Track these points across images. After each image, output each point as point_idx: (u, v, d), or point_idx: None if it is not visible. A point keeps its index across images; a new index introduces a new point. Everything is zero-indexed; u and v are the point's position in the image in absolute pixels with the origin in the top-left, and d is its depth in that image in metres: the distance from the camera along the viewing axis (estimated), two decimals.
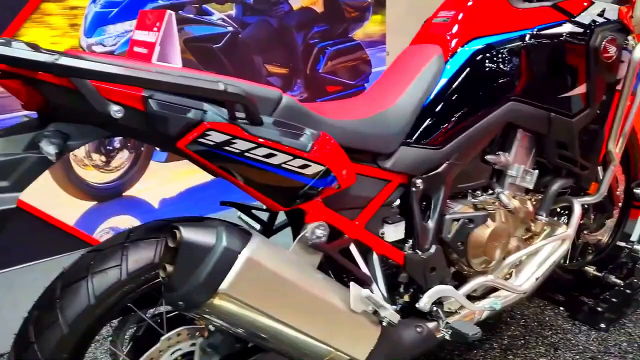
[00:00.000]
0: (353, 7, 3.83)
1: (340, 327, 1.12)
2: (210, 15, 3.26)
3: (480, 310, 1.52)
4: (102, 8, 2.88)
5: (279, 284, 1.01)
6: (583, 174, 1.61)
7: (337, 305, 1.10)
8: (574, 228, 1.60)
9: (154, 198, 3.25)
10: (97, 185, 3.14)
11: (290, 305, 1.04)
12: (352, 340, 1.14)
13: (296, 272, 1.05)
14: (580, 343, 1.83)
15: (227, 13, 3.33)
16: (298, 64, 3.71)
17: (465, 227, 1.41)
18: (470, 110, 1.38)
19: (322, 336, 1.10)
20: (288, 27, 3.59)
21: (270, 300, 1.01)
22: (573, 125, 1.49)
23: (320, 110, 1.19)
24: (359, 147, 1.25)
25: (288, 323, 1.04)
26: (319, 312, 1.08)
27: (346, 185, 1.18)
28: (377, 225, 1.33)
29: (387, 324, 1.17)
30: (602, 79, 1.48)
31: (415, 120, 1.35)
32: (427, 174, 1.37)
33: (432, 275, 1.40)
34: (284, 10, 3.54)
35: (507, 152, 1.51)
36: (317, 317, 1.08)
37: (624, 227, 2.23)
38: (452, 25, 1.43)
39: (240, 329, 1.04)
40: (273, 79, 3.62)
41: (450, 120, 1.37)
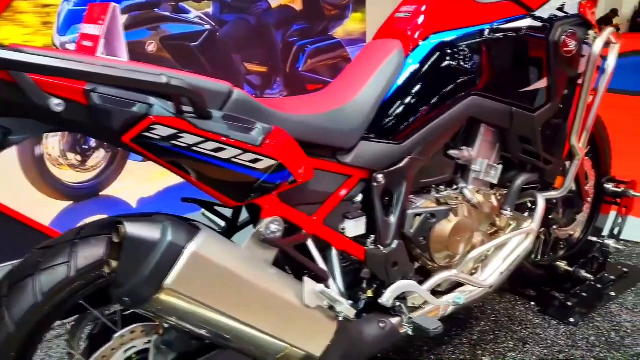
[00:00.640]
0: (333, 5, 3.83)
1: (294, 322, 1.11)
2: (187, 13, 3.24)
3: (445, 305, 1.52)
4: (75, 6, 2.86)
5: (227, 279, 1.00)
6: (547, 168, 1.61)
7: (290, 301, 1.10)
8: (537, 222, 1.60)
9: (131, 197, 3.23)
10: (73, 185, 3.11)
11: (240, 301, 1.03)
12: (307, 336, 1.13)
13: (246, 267, 1.04)
14: (549, 337, 1.84)
15: (204, 11, 3.32)
16: (277, 62, 3.71)
17: (427, 222, 1.41)
18: (431, 104, 1.38)
19: (275, 332, 1.09)
20: (267, 25, 3.58)
21: (219, 296, 1.00)
22: (535, 120, 1.50)
23: (275, 105, 1.19)
24: (317, 142, 1.24)
25: (239, 319, 1.04)
26: (271, 308, 1.08)
27: (303, 180, 1.17)
28: (337, 220, 1.32)
29: (343, 319, 1.17)
30: (562, 73, 1.48)
31: (376, 115, 1.35)
32: (389, 169, 1.36)
33: (394, 270, 1.39)
34: (262, 8, 3.54)
35: (471, 147, 1.51)
36: (269, 312, 1.08)
37: (595, 222, 2.24)
38: (413, 19, 1.43)
39: (191, 325, 1.03)
40: (252, 77, 3.61)
41: (411, 115, 1.37)
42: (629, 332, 1.84)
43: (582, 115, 1.56)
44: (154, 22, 3.10)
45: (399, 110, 1.36)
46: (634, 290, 2.10)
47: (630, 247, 2.43)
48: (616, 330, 1.85)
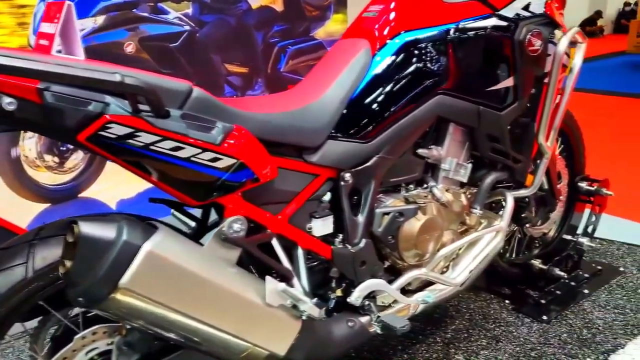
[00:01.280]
0: (314, 5, 3.83)
1: (257, 321, 1.11)
2: (166, 14, 3.23)
3: (415, 304, 1.52)
4: None
5: (185, 278, 1.00)
6: (517, 167, 1.62)
7: (252, 300, 1.09)
8: (506, 220, 1.61)
9: (111, 199, 3.21)
10: (51, 187, 3.09)
11: (199, 301, 1.02)
12: (270, 335, 1.13)
13: (206, 266, 1.04)
14: (522, 335, 1.85)
15: (184, 12, 3.30)
16: (258, 63, 3.70)
17: (395, 221, 1.41)
18: (398, 103, 1.39)
19: (237, 331, 1.09)
20: (247, 26, 3.58)
21: (177, 296, 0.99)
22: (502, 119, 1.51)
23: (238, 104, 1.18)
24: (282, 141, 1.24)
25: (199, 319, 1.03)
26: (232, 307, 1.07)
27: (266, 179, 1.17)
28: (303, 219, 1.32)
29: (307, 317, 1.17)
30: (528, 72, 1.49)
31: (342, 113, 1.35)
32: (356, 168, 1.36)
33: (362, 269, 1.39)
34: (242, 9, 3.53)
35: (440, 146, 1.52)
36: (230, 312, 1.07)
37: (569, 221, 2.26)
38: (380, 18, 1.43)
39: (151, 326, 1.02)
40: (233, 78, 3.60)
41: (378, 114, 1.37)
42: (600, 329, 1.86)
43: (548, 114, 1.57)
44: (132, 23, 3.08)
45: (365, 109, 1.37)
46: (607, 287, 2.11)
47: (605, 245, 2.45)
48: (588, 327, 1.87)
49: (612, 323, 1.89)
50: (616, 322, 1.89)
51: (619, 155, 3.72)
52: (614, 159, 3.64)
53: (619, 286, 2.12)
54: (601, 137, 4.19)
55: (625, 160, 3.60)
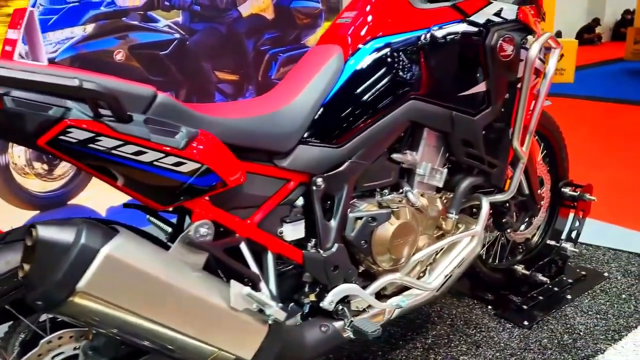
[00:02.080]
0: (304, 13, 3.86)
1: (221, 326, 1.11)
2: (155, 22, 3.25)
3: (390, 309, 1.52)
4: (41, 15, 2.86)
5: (146, 282, 1.00)
6: (492, 172, 1.62)
7: (216, 304, 1.09)
8: (481, 225, 1.61)
9: (100, 206, 3.21)
10: (40, 194, 3.10)
11: (162, 304, 1.03)
12: (235, 339, 1.13)
13: (168, 270, 1.04)
14: (503, 340, 1.84)
15: (174, 20, 3.33)
16: (249, 71, 3.72)
17: (367, 225, 1.41)
18: (370, 109, 1.39)
19: (201, 336, 1.09)
20: (237, 33, 3.60)
21: (138, 300, 1.00)
22: (476, 124, 1.51)
23: (207, 109, 1.19)
24: (251, 146, 1.25)
25: (162, 323, 1.03)
26: (196, 311, 1.07)
27: (233, 184, 1.18)
28: (274, 224, 1.33)
29: (273, 322, 1.17)
30: (501, 77, 1.50)
31: (314, 118, 1.35)
32: (328, 172, 1.37)
33: (334, 274, 1.40)
34: (232, 17, 3.56)
35: (415, 151, 1.52)
36: (194, 316, 1.07)
37: (554, 226, 2.26)
38: (353, 25, 1.44)
39: (114, 330, 1.02)
40: (224, 86, 3.62)
41: (349, 119, 1.38)
42: (581, 335, 1.85)
43: (522, 119, 1.57)
44: (122, 31, 3.11)
45: (337, 114, 1.37)
46: (590, 293, 2.11)
47: (591, 251, 2.45)
48: (569, 333, 1.86)
49: (593, 328, 1.88)
50: (598, 327, 1.89)
51: (611, 161, 3.72)
52: (606, 164, 3.64)
53: (603, 291, 2.12)
54: (595, 142, 4.19)
55: (617, 166, 3.60)
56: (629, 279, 2.19)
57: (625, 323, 1.90)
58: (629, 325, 1.89)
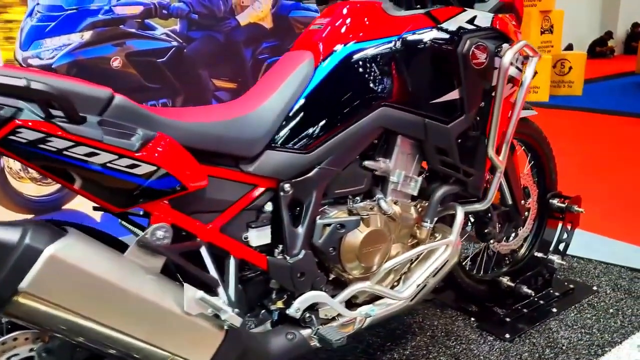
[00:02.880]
0: (303, 22, 3.87)
1: (175, 330, 1.10)
2: (153, 30, 3.28)
3: (361, 318, 1.50)
4: (38, 22, 2.91)
5: (94, 284, 1.00)
6: (468, 181, 1.60)
7: (170, 308, 1.09)
8: (456, 234, 1.59)
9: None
10: (35, 198, 3.13)
11: (111, 307, 1.02)
12: (190, 345, 1.12)
13: (119, 273, 1.04)
14: (482, 353, 1.81)
15: (171, 28, 3.36)
16: (247, 79, 3.73)
17: (336, 232, 1.40)
18: (339, 115, 1.39)
19: (154, 340, 1.08)
20: (235, 42, 3.62)
21: (85, 301, 0.99)
22: (449, 131, 1.49)
23: (168, 113, 1.19)
24: (215, 150, 1.25)
25: (112, 326, 1.03)
26: (148, 315, 1.06)
27: (194, 188, 1.17)
28: (239, 229, 1.32)
29: (229, 327, 1.15)
30: (474, 85, 1.48)
31: (282, 124, 1.35)
32: (296, 178, 1.36)
33: (301, 280, 1.38)
34: (230, 26, 3.58)
35: (388, 158, 1.51)
36: (146, 320, 1.06)
37: (541, 238, 2.22)
38: (324, 30, 1.44)
39: (64, 332, 1.02)
40: (221, 94, 3.64)
41: (318, 125, 1.37)
42: (563, 349, 1.81)
43: (496, 127, 1.55)
44: (119, 38, 3.14)
45: (306, 119, 1.37)
46: (577, 306, 2.07)
47: (583, 264, 2.40)
48: (551, 347, 1.82)
49: (577, 343, 1.84)
50: (581, 342, 1.85)
51: (613, 173, 3.66)
52: (608, 177, 3.59)
53: (590, 305, 2.07)
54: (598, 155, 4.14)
55: (619, 179, 3.55)
56: (618, 293, 2.15)
57: (610, 338, 1.86)
58: (614, 341, 1.84)
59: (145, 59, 3.25)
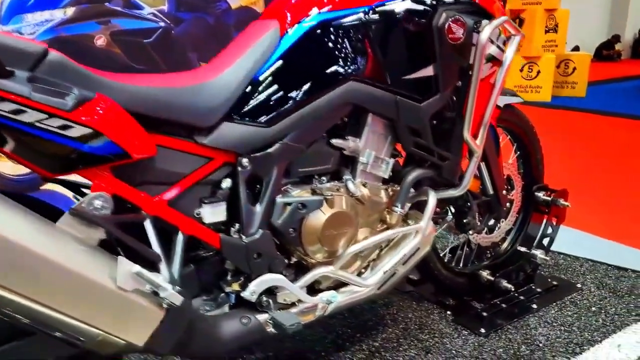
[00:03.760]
0: None
1: (108, 307, 1.02)
2: (140, 9, 3.20)
3: (323, 305, 1.43)
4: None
5: (13, 252, 0.92)
6: (444, 165, 1.52)
7: (102, 283, 1.01)
8: (426, 220, 1.50)
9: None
10: (12, 176, 3.06)
11: (34, 279, 0.94)
12: (124, 323, 1.04)
13: (46, 242, 0.96)
14: (455, 347, 1.73)
15: (159, 8, 3.27)
16: None
17: (296, 212, 1.32)
18: (304, 88, 1.30)
19: (83, 316, 1.00)
20: (226, 25, 3.53)
21: (4, 270, 0.92)
22: (422, 110, 1.41)
23: (114, 76, 1.12)
24: (165, 118, 1.17)
25: (33, 298, 0.95)
26: (77, 289, 0.99)
27: (139, 156, 1.10)
28: (191, 204, 1.24)
29: (168, 306, 1.08)
30: (450, 62, 1.40)
31: (241, 95, 1.27)
32: (256, 153, 1.28)
33: (257, 262, 1.30)
34: (221, 9, 3.49)
35: (358, 138, 1.43)
36: (75, 294, 0.99)
37: (525, 232, 2.14)
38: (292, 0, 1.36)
39: None
40: None
41: (281, 98, 1.29)
42: (540, 346, 1.73)
43: (472, 109, 1.46)
44: (104, 16, 3.06)
45: (267, 92, 1.29)
46: (558, 303, 1.98)
47: (569, 261, 2.32)
48: (527, 344, 1.74)
49: (554, 340, 1.76)
50: (559, 339, 1.76)
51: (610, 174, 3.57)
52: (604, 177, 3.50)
53: (573, 303, 1.99)
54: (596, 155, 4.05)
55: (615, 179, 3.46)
56: (603, 291, 2.06)
57: (589, 337, 1.77)
58: (594, 340, 1.76)
59: (131, 38, 3.17)
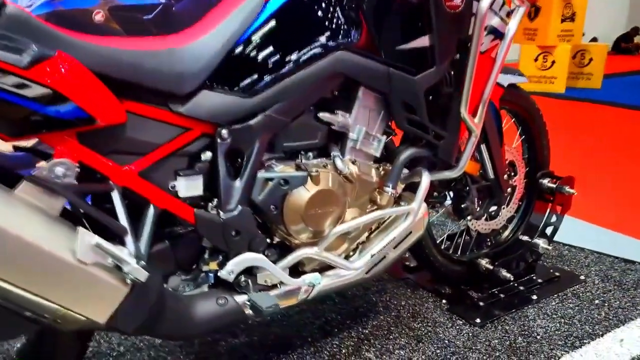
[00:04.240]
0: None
1: (66, 281, 0.95)
2: None
3: (306, 288, 1.35)
4: None
5: None
6: (440, 144, 1.43)
7: (60, 255, 0.94)
8: (418, 201, 1.42)
9: None
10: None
11: None
12: (84, 298, 0.97)
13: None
14: (448, 337, 1.65)
15: None
16: None
17: (278, 188, 1.25)
18: (290, 56, 1.22)
19: (40, 290, 0.93)
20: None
21: None
22: (416, 84, 1.32)
23: (79, 35, 1.04)
24: (136, 82, 1.09)
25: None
26: (33, 261, 0.92)
27: (106, 122, 1.03)
28: (165, 176, 1.17)
29: (132, 282, 1.01)
30: (447, 32, 1.30)
31: (222, 61, 1.19)
32: (237, 125, 1.21)
33: (235, 240, 1.23)
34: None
35: (348, 112, 1.35)
36: (29, 266, 0.92)
37: (528, 220, 2.05)
38: None
39: None
40: None
41: (264, 66, 1.21)
42: (537, 338, 1.65)
43: (470, 84, 1.37)
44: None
45: (250, 59, 1.20)
46: (560, 295, 1.89)
47: (574, 252, 2.22)
48: (524, 335, 1.66)
49: (553, 333, 1.67)
50: (558, 332, 1.68)
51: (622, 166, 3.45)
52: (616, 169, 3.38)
53: (575, 295, 1.90)
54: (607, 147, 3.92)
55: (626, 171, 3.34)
56: (607, 284, 1.97)
57: (590, 330, 1.69)
58: (595, 333, 1.67)
59: (130, 14, 3.09)
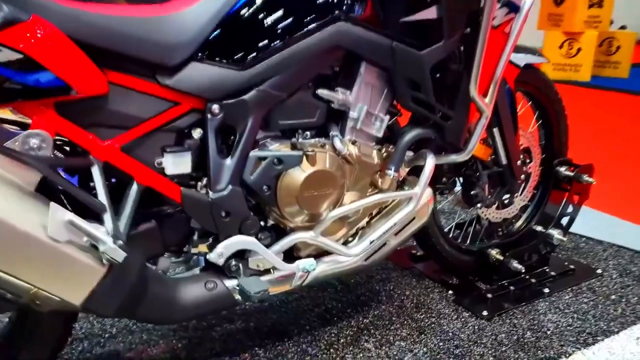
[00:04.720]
0: None
1: (38, 259, 0.90)
2: None
3: (301, 274, 1.29)
4: None
5: None
6: (447, 125, 1.35)
7: (32, 232, 0.89)
8: (422, 186, 1.34)
9: None
10: None
11: None
12: (58, 278, 0.92)
13: None
14: (452, 330, 1.57)
15: None
16: None
17: (272, 168, 1.18)
18: (286, 27, 1.15)
19: (10, 268, 0.89)
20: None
21: None
22: (422, 59, 1.23)
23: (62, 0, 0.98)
24: (121, 52, 1.03)
25: None
26: (2, 238, 0.87)
27: (86, 92, 0.97)
28: (151, 152, 1.11)
29: (108, 262, 0.95)
30: (457, 3, 1.21)
31: (213, 31, 1.11)
32: (228, 100, 1.14)
33: (225, 221, 1.17)
34: None
35: (349, 90, 1.27)
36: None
37: (543, 210, 1.95)
38: None
39: None
40: None
41: (258, 37, 1.14)
42: (547, 334, 1.56)
43: (480, 60, 1.27)
44: None
45: (243, 29, 1.13)
46: (574, 289, 1.80)
47: (591, 245, 2.12)
48: (534, 330, 1.58)
49: (565, 328, 1.59)
50: (570, 327, 1.59)
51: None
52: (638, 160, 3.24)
53: (590, 289, 1.80)
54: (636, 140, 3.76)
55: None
56: (626, 279, 1.87)
57: (605, 326, 1.60)
58: (609, 330, 1.58)
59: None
